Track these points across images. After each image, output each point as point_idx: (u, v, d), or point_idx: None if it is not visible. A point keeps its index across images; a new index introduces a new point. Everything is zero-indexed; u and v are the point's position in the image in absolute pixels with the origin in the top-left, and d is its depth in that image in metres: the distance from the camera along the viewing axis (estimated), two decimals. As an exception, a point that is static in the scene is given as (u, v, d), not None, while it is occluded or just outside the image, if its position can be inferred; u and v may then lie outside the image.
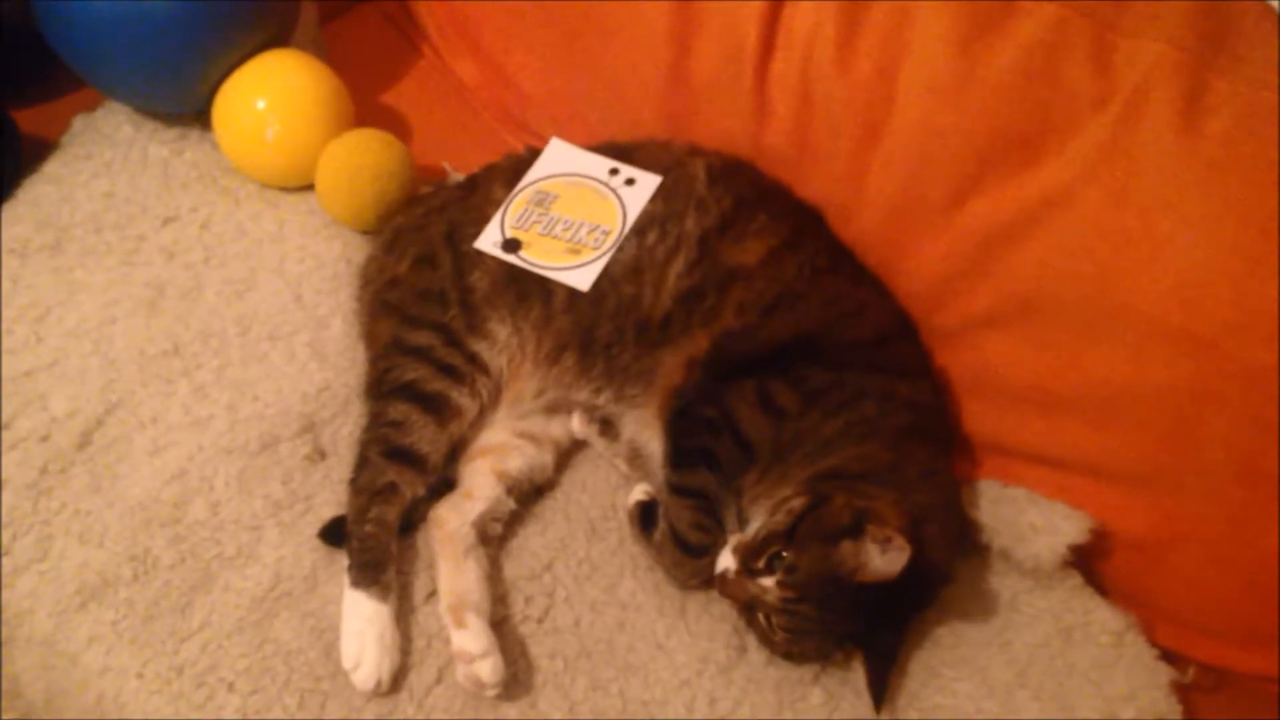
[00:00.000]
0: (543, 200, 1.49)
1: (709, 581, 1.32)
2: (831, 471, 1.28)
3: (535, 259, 1.43)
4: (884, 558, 1.18)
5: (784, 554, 1.23)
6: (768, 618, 1.25)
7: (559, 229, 1.45)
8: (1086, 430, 1.36)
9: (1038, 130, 1.32)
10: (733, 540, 1.28)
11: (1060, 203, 1.30)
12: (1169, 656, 1.35)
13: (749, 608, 1.27)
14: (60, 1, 1.52)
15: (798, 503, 1.25)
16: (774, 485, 1.30)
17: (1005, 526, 1.36)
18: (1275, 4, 1.29)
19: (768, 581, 1.23)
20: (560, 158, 1.54)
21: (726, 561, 1.27)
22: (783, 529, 1.24)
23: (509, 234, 1.45)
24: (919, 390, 1.40)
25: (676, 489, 1.32)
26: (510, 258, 1.43)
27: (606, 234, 1.43)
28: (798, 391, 1.33)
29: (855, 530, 1.21)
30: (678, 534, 1.31)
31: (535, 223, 1.46)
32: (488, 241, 1.44)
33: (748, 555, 1.25)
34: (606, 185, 1.48)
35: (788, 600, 1.23)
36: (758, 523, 1.27)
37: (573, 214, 1.47)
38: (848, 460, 1.29)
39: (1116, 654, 1.33)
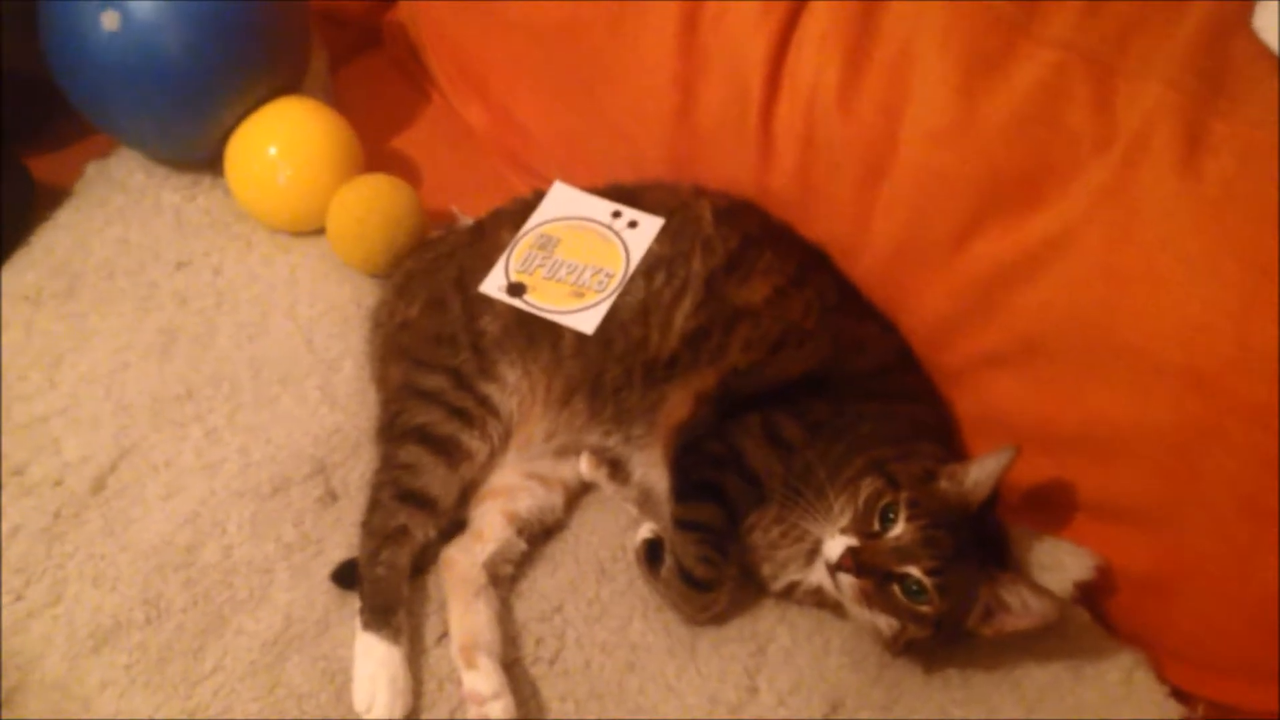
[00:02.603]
0: (546, 244, 1.50)
1: (718, 617, 1.33)
2: (857, 472, 1.29)
3: (540, 303, 1.44)
4: (983, 468, 1.25)
5: (900, 494, 1.23)
6: (906, 579, 1.22)
7: (563, 272, 1.47)
8: (1091, 468, 1.36)
9: (1039, 172, 1.33)
10: (832, 533, 1.26)
11: (1062, 243, 1.31)
12: (1178, 694, 1.35)
13: (884, 581, 1.23)
14: (73, 50, 1.55)
15: (868, 478, 1.27)
16: (817, 500, 1.28)
17: (1010, 564, 1.36)
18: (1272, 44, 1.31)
19: (898, 528, 1.22)
20: (563, 201, 1.55)
21: (839, 547, 1.24)
22: (883, 484, 1.25)
23: (513, 278, 1.47)
24: (919, 413, 1.42)
25: (682, 523, 1.32)
26: (515, 302, 1.44)
27: (610, 277, 1.45)
28: (802, 424, 1.34)
29: (933, 478, 1.25)
30: (684, 568, 1.30)
31: (539, 266, 1.48)
32: (492, 286, 1.46)
33: (861, 523, 1.24)
34: (609, 228, 1.50)
35: (926, 529, 1.21)
36: (835, 514, 1.27)
37: (576, 257, 1.48)
38: (863, 464, 1.30)
39: (1126, 691, 1.33)
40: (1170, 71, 1.30)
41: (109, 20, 1.50)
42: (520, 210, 1.56)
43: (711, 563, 1.30)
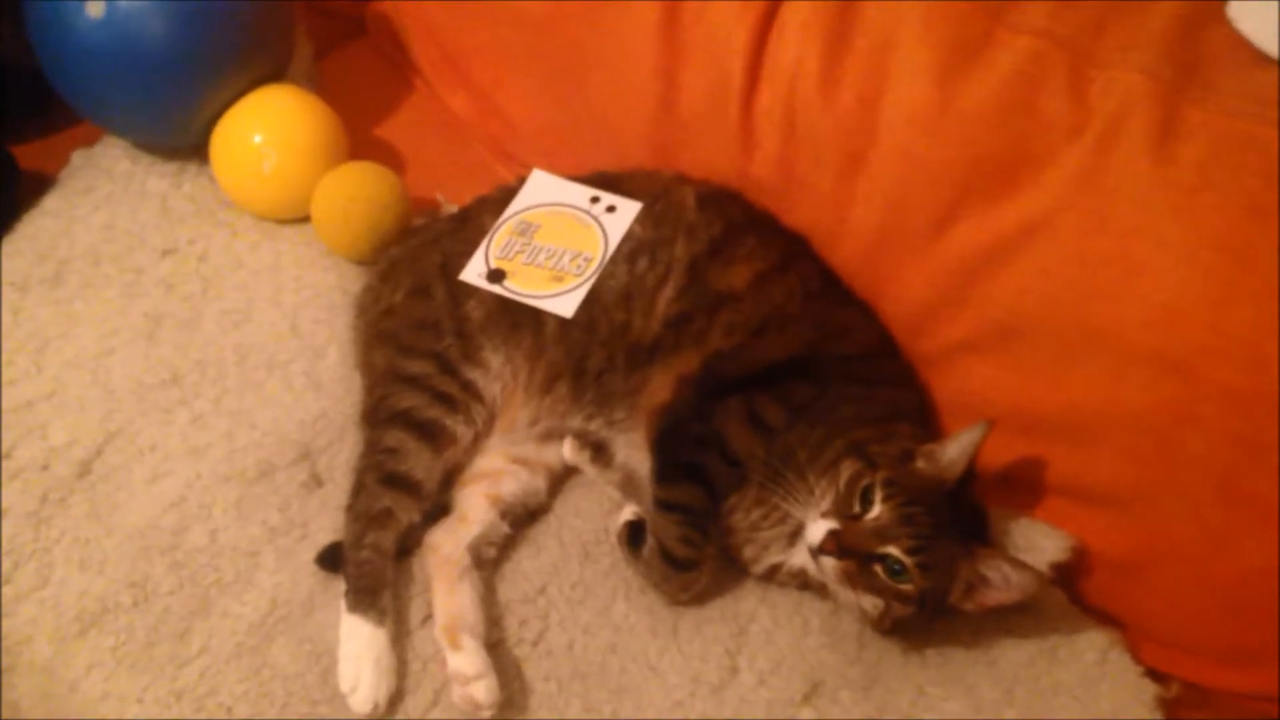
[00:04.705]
0: (525, 230, 1.51)
1: (699, 598, 1.34)
2: (837, 455, 1.30)
3: (519, 288, 1.45)
4: (958, 444, 1.27)
5: (876, 475, 1.25)
6: (887, 559, 1.23)
7: (542, 258, 1.48)
8: (1067, 451, 1.38)
9: (1016, 159, 1.34)
10: (814, 516, 1.27)
11: (1038, 230, 1.33)
12: (1152, 674, 1.36)
13: (866, 561, 1.24)
14: (59, 38, 1.55)
15: (847, 460, 1.28)
16: (798, 482, 1.30)
17: (989, 540, 1.37)
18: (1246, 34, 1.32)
19: (876, 509, 1.24)
20: (542, 188, 1.56)
21: (820, 531, 1.25)
22: (862, 466, 1.26)
23: (493, 264, 1.48)
24: (900, 397, 1.43)
25: (663, 504, 1.33)
26: (495, 288, 1.45)
27: (588, 261, 1.46)
28: (784, 407, 1.36)
29: (911, 458, 1.27)
30: (665, 549, 1.31)
31: (519, 252, 1.49)
32: (473, 273, 1.47)
33: (842, 506, 1.26)
34: (588, 213, 1.51)
35: (903, 508, 1.23)
36: (816, 497, 1.28)
37: (555, 242, 1.49)
38: (842, 446, 1.31)
39: (1101, 671, 1.34)
40: (1145, 59, 1.32)
41: (94, 7, 1.51)
42: (504, 197, 1.57)
43: (692, 543, 1.31)
